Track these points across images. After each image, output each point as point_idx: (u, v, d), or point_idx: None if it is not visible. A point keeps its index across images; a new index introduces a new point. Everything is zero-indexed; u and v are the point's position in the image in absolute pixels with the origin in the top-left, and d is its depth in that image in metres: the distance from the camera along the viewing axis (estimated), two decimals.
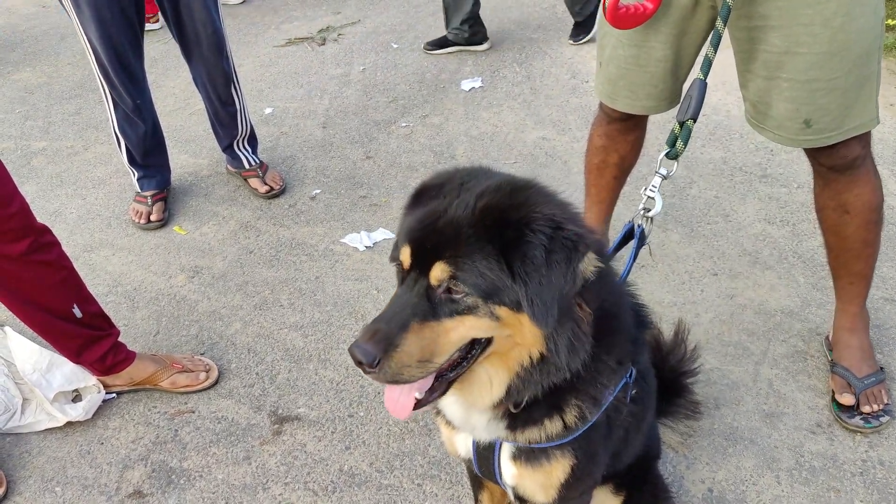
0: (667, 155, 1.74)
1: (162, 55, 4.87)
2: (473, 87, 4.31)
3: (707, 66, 1.77)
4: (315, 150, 3.84)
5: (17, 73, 4.84)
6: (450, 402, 1.39)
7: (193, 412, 2.45)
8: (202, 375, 2.51)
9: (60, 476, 2.27)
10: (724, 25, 1.78)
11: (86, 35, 2.95)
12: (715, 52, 1.78)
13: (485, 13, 5.22)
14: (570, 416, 1.34)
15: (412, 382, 1.17)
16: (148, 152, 3.32)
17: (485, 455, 1.49)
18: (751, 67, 1.96)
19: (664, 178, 1.72)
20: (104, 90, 3.13)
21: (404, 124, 4.01)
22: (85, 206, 3.52)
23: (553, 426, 1.34)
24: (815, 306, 2.66)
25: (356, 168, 3.68)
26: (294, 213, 3.39)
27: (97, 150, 3.96)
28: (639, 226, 1.66)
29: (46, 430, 2.39)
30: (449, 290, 1.13)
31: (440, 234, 1.13)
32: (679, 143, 1.72)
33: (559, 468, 1.40)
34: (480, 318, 1.14)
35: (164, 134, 3.43)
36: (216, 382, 2.54)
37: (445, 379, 1.22)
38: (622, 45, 2.12)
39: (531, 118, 3.97)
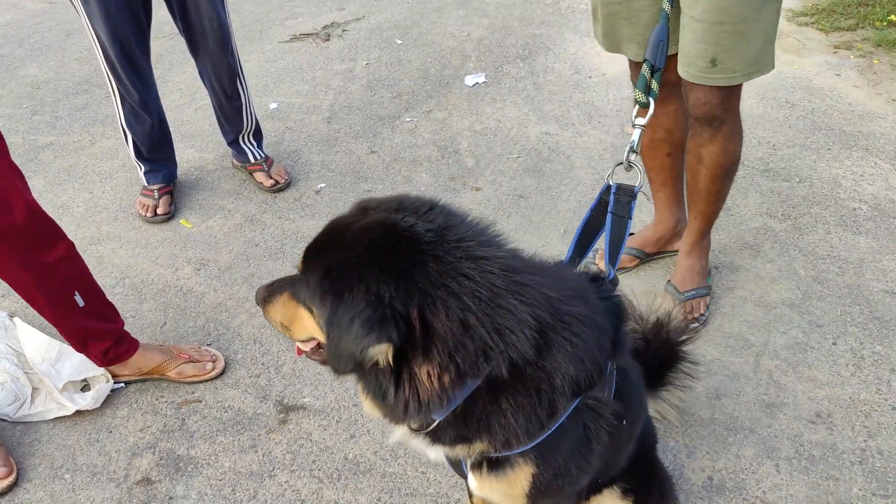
0: (642, 101, 1.75)
1: (168, 51, 4.90)
2: (477, 83, 4.33)
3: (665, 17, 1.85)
4: (320, 145, 3.87)
5: (25, 69, 4.88)
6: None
7: (200, 402, 2.48)
8: (209, 366, 2.55)
9: (70, 463, 2.31)
10: None
11: (93, 29, 2.98)
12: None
13: (488, 9, 5.25)
14: (479, 447, 1.30)
15: (296, 340, 1.34)
16: (154, 146, 3.35)
17: (455, 462, 1.45)
18: (675, 5, 2.10)
19: (642, 127, 1.74)
20: (111, 84, 3.16)
21: (408, 119, 4.04)
22: (92, 199, 3.56)
23: (473, 449, 1.31)
24: (815, 298, 2.68)
25: (360, 162, 3.71)
26: (299, 206, 3.42)
27: (104, 144, 3.99)
28: (614, 183, 1.63)
29: (56, 418, 2.43)
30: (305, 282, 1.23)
31: (322, 238, 1.24)
32: (654, 84, 1.75)
33: (522, 477, 1.36)
34: (304, 321, 1.26)
35: (170, 128, 3.45)
36: (223, 373, 2.57)
37: (318, 354, 1.38)
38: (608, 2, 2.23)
39: (534, 113, 3.99)
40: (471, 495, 1.90)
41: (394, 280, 1.09)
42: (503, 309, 1.13)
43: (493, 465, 1.36)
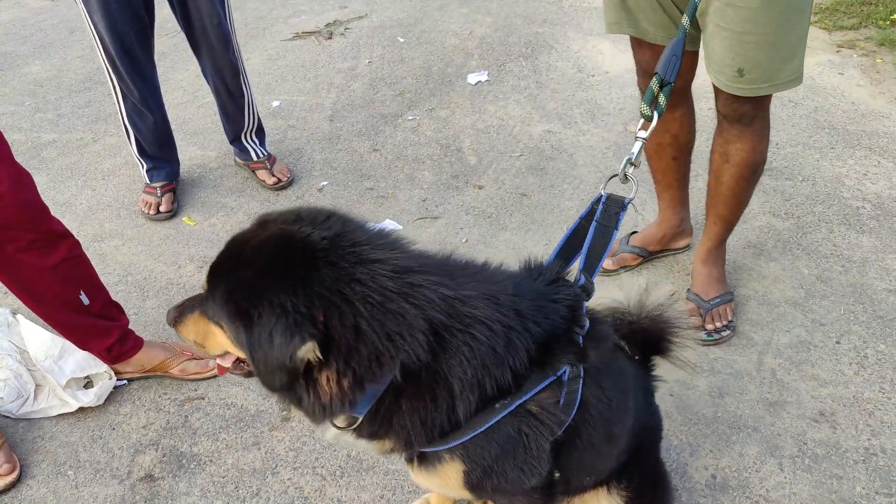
0: (649, 116, 1.70)
1: (170, 49, 4.90)
2: (480, 81, 4.33)
3: (692, 8, 1.82)
4: (322, 143, 3.87)
5: (27, 66, 4.88)
6: None
7: (203, 399, 2.48)
8: (211, 363, 2.55)
9: (73, 460, 2.31)
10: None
11: (93, 24, 2.97)
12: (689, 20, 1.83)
13: (490, 7, 5.24)
14: (388, 444, 1.36)
15: (212, 355, 1.37)
16: (157, 143, 3.35)
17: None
18: (706, 11, 2.09)
19: (644, 140, 1.69)
20: (112, 81, 3.15)
21: (411, 117, 4.03)
22: (95, 197, 3.56)
23: (384, 445, 1.36)
24: (819, 297, 2.68)
25: (363, 160, 3.70)
26: (302, 204, 3.41)
27: (107, 141, 3.99)
28: (604, 192, 1.60)
29: (59, 415, 2.43)
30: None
31: (223, 256, 1.25)
32: (662, 99, 1.70)
33: (452, 472, 1.40)
34: (217, 337, 1.28)
35: (173, 126, 3.46)
36: None
37: (239, 368, 1.42)
38: None
39: (537, 112, 3.99)
40: None
41: (293, 290, 1.12)
42: (393, 313, 1.15)
43: (422, 459, 1.41)
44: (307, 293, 1.12)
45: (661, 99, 1.69)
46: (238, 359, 1.39)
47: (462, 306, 1.23)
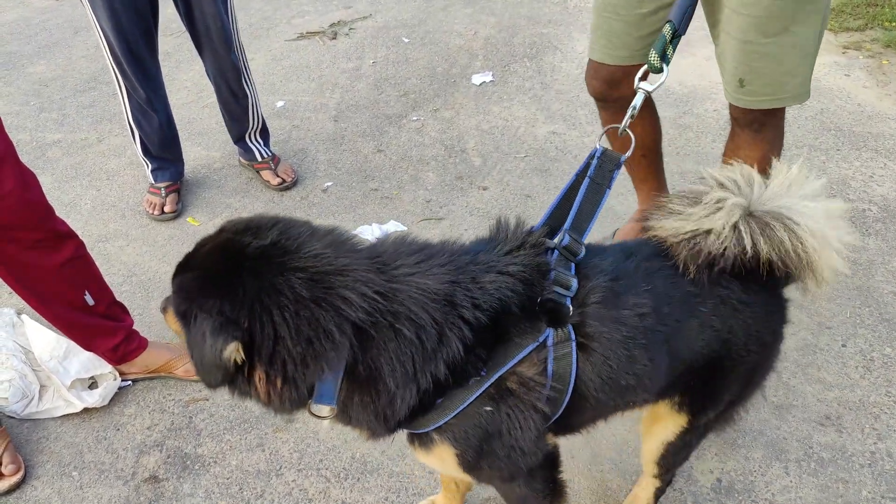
0: (655, 66, 1.65)
1: (175, 49, 4.90)
2: (484, 82, 4.32)
3: None
4: (326, 144, 3.86)
5: (32, 66, 4.88)
6: None
7: (207, 400, 2.48)
8: None
9: (77, 461, 2.31)
10: None
11: (99, 25, 2.98)
12: None
13: (495, 7, 5.24)
14: (359, 431, 1.47)
15: None
16: (162, 144, 3.35)
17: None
18: (716, 20, 2.08)
19: (648, 92, 1.66)
20: (118, 81, 3.16)
21: (415, 118, 4.03)
22: (99, 197, 3.56)
23: (359, 432, 1.48)
24: (824, 300, 2.67)
25: (367, 161, 3.70)
26: (306, 205, 3.42)
27: (111, 141, 3.99)
28: (599, 147, 1.59)
29: (63, 416, 2.43)
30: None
31: (183, 259, 1.35)
32: (670, 49, 1.65)
33: (447, 455, 1.47)
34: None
35: (177, 126, 3.46)
36: None
37: None
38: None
39: (542, 113, 3.98)
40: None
41: (221, 297, 1.23)
42: (307, 319, 1.23)
43: (419, 441, 1.50)
44: (233, 300, 1.22)
45: (670, 50, 1.63)
46: None
47: (388, 303, 1.29)
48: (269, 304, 1.22)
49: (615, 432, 2.27)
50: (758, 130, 2.21)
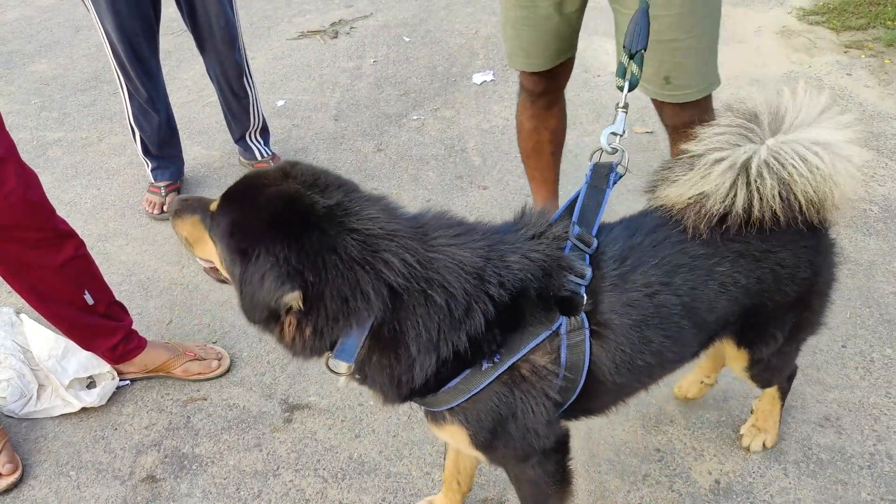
0: (630, 84, 1.70)
1: (175, 47, 4.90)
2: (485, 81, 4.31)
3: None
4: (327, 143, 3.86)
5: (33, 65, 4.89)
6: None
7: (205, 399, 2.48)
8: (214, 363, 2.55)
9: (75, 461, 2.31)
10: None
11: (102, 26, 2.98)
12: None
13: (496, 6, 5.22)
14: (373, 393, 1.51)
15: (196, 256, 1.53)
16: (162, 143, 3.35)
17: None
18: (623, 30, 2.08)
19: (626, 110, 1.70)
20: (120, 81, 3.16)
21: (416, 117, 4.02)
22: (99, 196, 3.56)
23: (374, 394, 1.52)
24: None
25: (367, 160, 3.70)
26: None
27: (112, 140, 3.99)
28: (591, 163, 1.65)
29: (61, 415, 2.43)
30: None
31: (239, 189, 1.40)
32: (634, 68, 1.69)
33: (458, 433, 1.53)
34: (207, 247, 1.45)
35: (178, 125, 3.45)
36: (228, 370, 2.57)
37: (216, 273, 1.52)
38: (514, 6, 2.30)
39: None
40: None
41: (289, 247, 1.29)
42: (349, 279, 1.30)
43: (432, 417, 1.56)
44: (300, 252, 1.29)
45: (634, 68, 1.70)
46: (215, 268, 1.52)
47: (424, 270, 1.35)
48: (326, 262, 1.29)
49: (613, 433, 2.26)
50: (690, 127, 2.25)
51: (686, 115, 2.20)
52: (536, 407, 1.48)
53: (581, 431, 2.26)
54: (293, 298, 1.28)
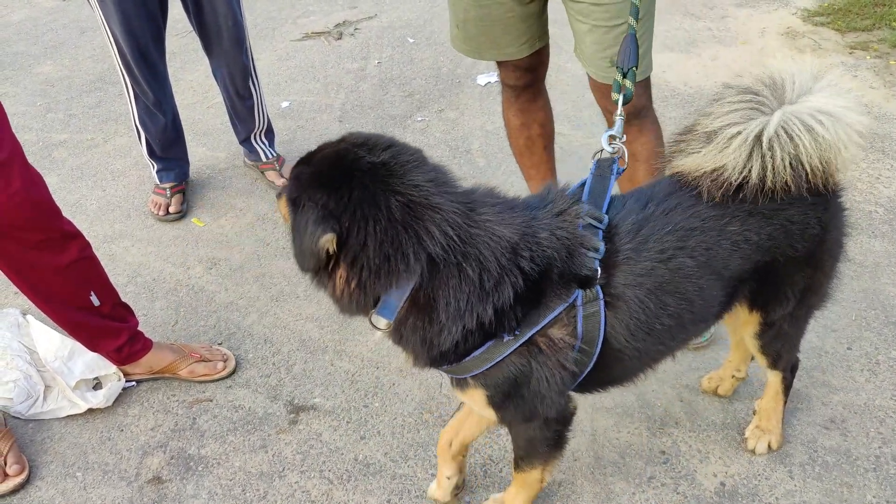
0: (624, 98, 1.84)
1: (181, 49, 4.91)
2: (489, 82, 4.32)
3: (634, 11, 1.91)
4: None
5: (39, 67, 4.90)
6: None
7: (211, 401, 2.48)
8: (220, 365, 2.55)
9: (81, 462, 2.31)
10: None
11: (109, 28, 2.98)
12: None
13: None
14: (406, 354, 1.63)
15: None
16: (167, 145, 3.35)
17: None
18: (571, 11, 2.27)
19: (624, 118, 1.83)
20: (126, 83, 3.16)
21: (420, 119, 4.03)
22: (105, 197, 3.57)
23: (406, 356, 1.63)
24: (830, 302, 2.63)
25: None
26: None
27: (117, 142, 4.00)
28: (595, 160, 1.75)
29: (68, 416, 2.44)
30: None
31: (305, 156, 1.55)
32: (628, 83, 1.84)
33: (478, 396, 1.66)
34: None
35: (183, 127, 3.46)
36: (233, 372, 2.57)
37: None
38: (473, 6, 2.36)
39: None
40: None
41: (329, 194, 1.42)
42: (392, 239, 1.42)
43: (457, 382, 1.68)
44: (339, 200, 1.41)
45: (629, 84, 1.84)
46: None
47: (463, 245, 1.46)
48: (367, 214, 1.41)
49: (618, 435, 2.26)
50: (646, 116, 2.36)
51: (637, 101, 2.27)
52: (551, 376, 1.60)
53: (587, 434, 2.27)
54: (327, 240, 1.40)
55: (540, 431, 1.77)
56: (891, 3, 4.69)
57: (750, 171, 1.57)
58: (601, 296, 1.55)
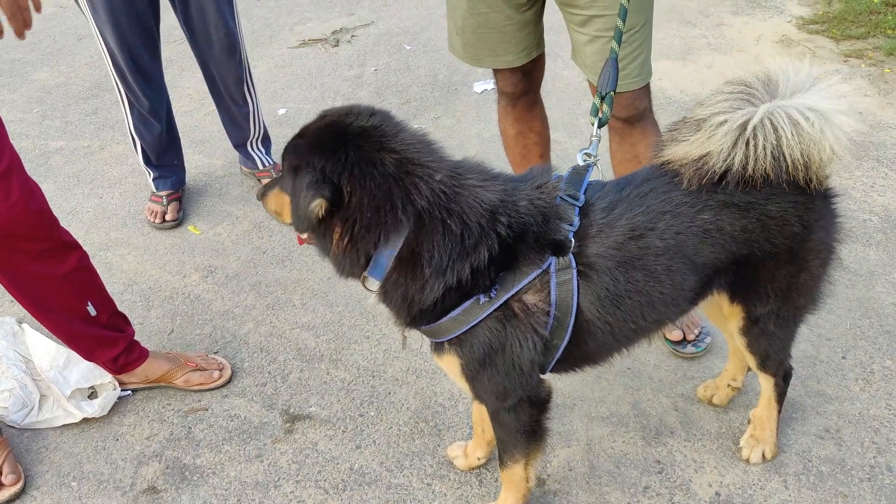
0: (599, 122, 1.90)
1: (177, 56, 4.91)
2: (486, 90, 4.33)
3: (618, 35, 1.94)
4: None
5: (35, 74, 4.91)
6: None
7: (207, 410, 2.48)
8: (215, 374, 2.55)
9: (76, 471, 2.31)
10: None
11: (101, 36, 2.99)
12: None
13: None
14: (390, 314, 1.69)
15: (287, 223, 1.67)
16: (163, 153, 3.36)
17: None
18: (570, 23, 2.30)
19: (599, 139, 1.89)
20: (119, 91, 3.17)
21: (416, 126, 4.03)
22: (101, 205, 3.57)
23: (393, 317, 1.70)
24: (825, 311, 2.64)
25: None
26: None
27: (113, 149, 4.01)
28: (570, 168, 1.79)
29: (63, 426, 2.44)
30: None
31: (293, 137, 1.61)
32: (606, 109, 1.90)
33: (453, 363, 1.70)
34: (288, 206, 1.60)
35: (179, 134, 3.47)
36: (229, 381, 2.57)
37: (311, 240, 1.67)
38: (471, 14, 2.39)
39: None
40: None
41: (325, 157, 1.49)
42: (384, 191, 1.49)
43: (436, 347, 1.73)
44: (335, 163, 1.48)
45: (605, 109, 1.90)
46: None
47: (448, 201, 1.52)
48: (363, 173, 1.48)
49: (613, 445, 2.26)
50: (646, 121, 2.38)
51: (641, 104, 2.35)
52: (525, 342, 1.64)
53: (581, 443, 2.27)
54: (317, 206, 1.47)
55: (515, 415, 1.79)
56: (885, 12, 4.72)
57: (733, 158, 1.61)
58: (574, 264, 1.60)
